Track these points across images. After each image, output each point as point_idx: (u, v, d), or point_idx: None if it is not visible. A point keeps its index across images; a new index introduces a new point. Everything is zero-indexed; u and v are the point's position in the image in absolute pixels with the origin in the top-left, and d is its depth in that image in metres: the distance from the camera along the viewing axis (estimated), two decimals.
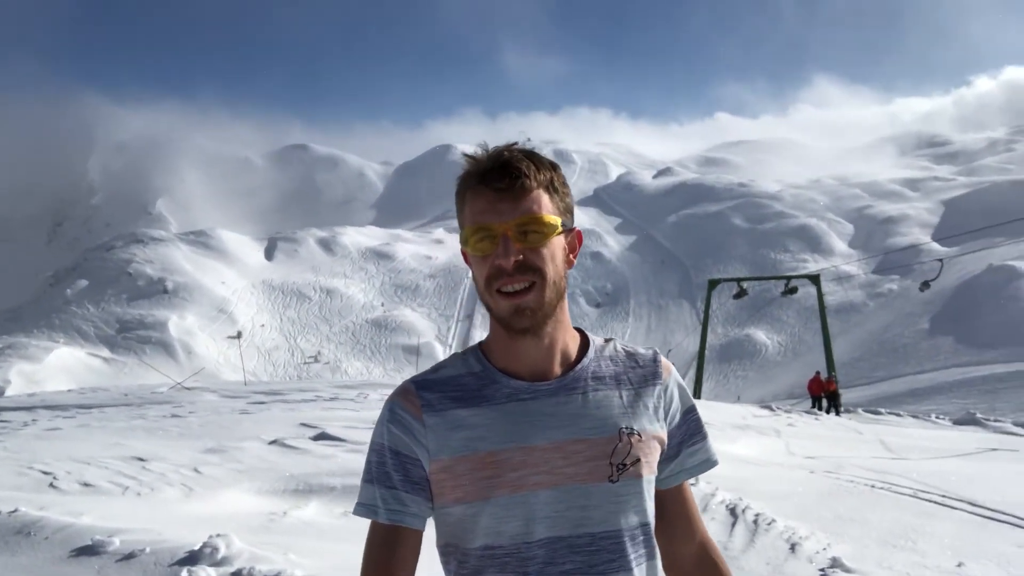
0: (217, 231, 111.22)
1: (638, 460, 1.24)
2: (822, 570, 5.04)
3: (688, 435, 1.37)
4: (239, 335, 75.44)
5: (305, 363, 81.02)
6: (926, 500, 7.67)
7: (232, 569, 4.23)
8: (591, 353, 1.32)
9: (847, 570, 5.05)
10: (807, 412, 22.37)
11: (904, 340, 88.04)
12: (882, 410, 26.30)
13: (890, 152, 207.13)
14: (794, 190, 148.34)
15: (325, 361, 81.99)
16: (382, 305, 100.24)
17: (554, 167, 1.28)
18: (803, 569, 5.13)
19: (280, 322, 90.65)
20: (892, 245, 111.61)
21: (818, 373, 25.87)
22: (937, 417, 24.53)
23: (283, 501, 6.54)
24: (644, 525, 1.27)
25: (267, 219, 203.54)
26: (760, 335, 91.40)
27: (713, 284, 30.17)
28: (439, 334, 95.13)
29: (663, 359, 1.39)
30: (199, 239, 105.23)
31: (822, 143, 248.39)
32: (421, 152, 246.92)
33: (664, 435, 1.32)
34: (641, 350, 1.38)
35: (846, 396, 36.66)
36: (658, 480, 1.33)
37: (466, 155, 1.28)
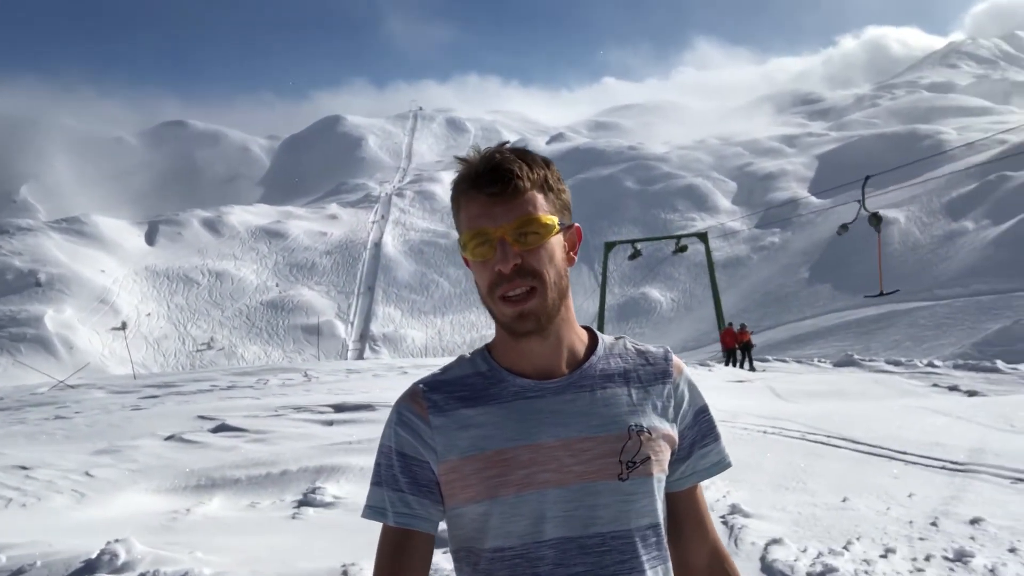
0: (91, 217, 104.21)
1: (648, 458, 1.23)
2: (723, 517, 5.31)
3: (700, 436, 1.35)
4: (124, 326, 71.31)
5: (198, 351, 77.67)
6: (813, 442, 8.21)
7: (135, 574, 4.05)
8: (600, 351, 1.31)
9: (745, 515, 5.35)
10: (724, 365, 23.13)
11: (787, 289, 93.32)
12: (769, 357, 27.84)
13: (768, 111, 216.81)
14: (680, 151, 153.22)
15: (219, 347, 78.89)
16: (277, 285, 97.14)
17: (547, 164, 1.27)
18: None
19: (168, 309, 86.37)
20: (772, 200, 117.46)
21: (730, 325, 25.45)
22: (819, 360, 26.23)
23: (185, 498, 6.30)
24: (655, 526, 1.25)
25: (145, 202, 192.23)
26: (654, 293, 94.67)
27: (609, 246, 30.86)
28: (339, 312, 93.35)
29: (674, 357, 1.37)
30: (72, 226, 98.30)
31: (704, 104, 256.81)
32: (308, 124, 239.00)
33: (675, 434, 1.30)
34: (652, 348, 1.36)
35: None
36: (669, 482, 1.31)
37: (458, 158, 1.26)
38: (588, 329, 1.36)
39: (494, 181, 1.19)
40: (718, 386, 15.07)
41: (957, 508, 5.65)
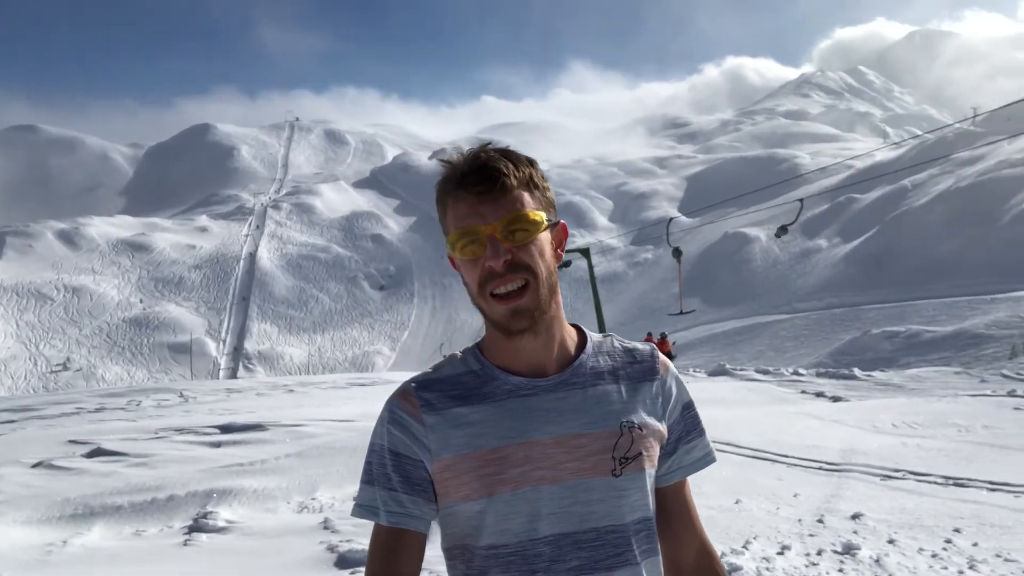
0: None
1: (640, 454, 1.24)
2: None
3: (686, 431, 1.36)
4: None
5: (52, 372, 71.65)
6: None
7: None
8: (589, 348, 1.31)
9: None
10: None
11: (660, 303, 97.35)
12: None
13: (640, 133, 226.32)
14: (559, 169, 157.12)
15: (76, 368, 73.13)
16: (141, 302, 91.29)
17: (531, 163, 1.27)
18: None
19: (17, 328, 79.23)
20: (646, 219, 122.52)
21: (649, 334, 24.93)
22: (693, 370, 27.47)
23: (60, 529, 5.78)
24: (647, 519, 1.28)
25: None
26: None
27: None
28: (210, 329, 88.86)
29: (661, 355, 1.37)
30: None
31: (581, 125, 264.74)
32: (175, 133, 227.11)
33: (664, 430, 1.32)
34: (639, 346, 1.37)
35: None
36: (658, 478, 1.33)
37: (441, 160, 1.27)
38: (576, 327, 1.37)
39: (481, 180, 1.20)
40: None
41: (839, 505, 6.07)
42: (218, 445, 8.23)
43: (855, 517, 5.66)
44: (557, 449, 1.21)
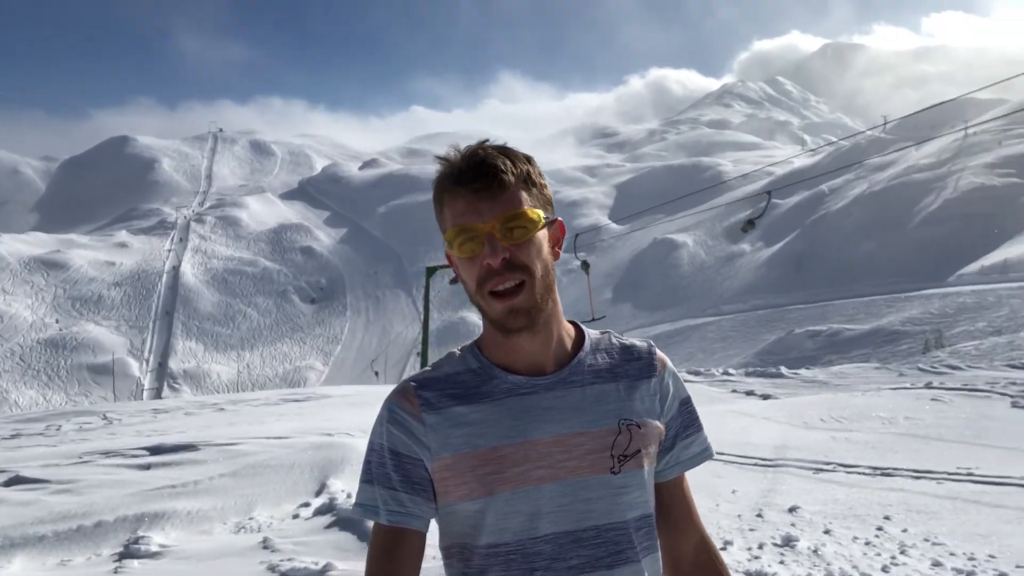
0: None
1: (638, 451, 1.25)
2: None
3: (683, 427, 1.36)
4: None
5: None
6: None
7: None
8: (587, 346, 1.32)
9: None
10: None
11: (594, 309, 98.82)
12: None
13: (570, 142, 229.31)
14: None
15: None
16: (57, 322, 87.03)
17: (529, 160, 1.27)
18: None
19: None
20: (578, 226, 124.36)
21: None
22: None
23: None
24: (647, 516, 1.28)
25: None
26: (473, 316, 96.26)
27: (431, 271, 30.82)
28: (132, 348, 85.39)
29: (658, 352, 1.38)
30: None
31: (511, 135, 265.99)
32: (92, 145, 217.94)
33: (662, 427, 1.32)
34: (637, 343, 1.37)
35: None
36: (656, 473, 1.33)
37: (438, 157, 1.25)
38: (574, 323, 1.37)
39: (478, 176, 1.19)
40: None
41: (775, 499, 6.24)
42: (148, 467, 7.89)
43: (792, 510, 5.83)
44: (556, 448, 1.22)
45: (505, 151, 1.24)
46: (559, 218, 1.31)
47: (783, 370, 19.57)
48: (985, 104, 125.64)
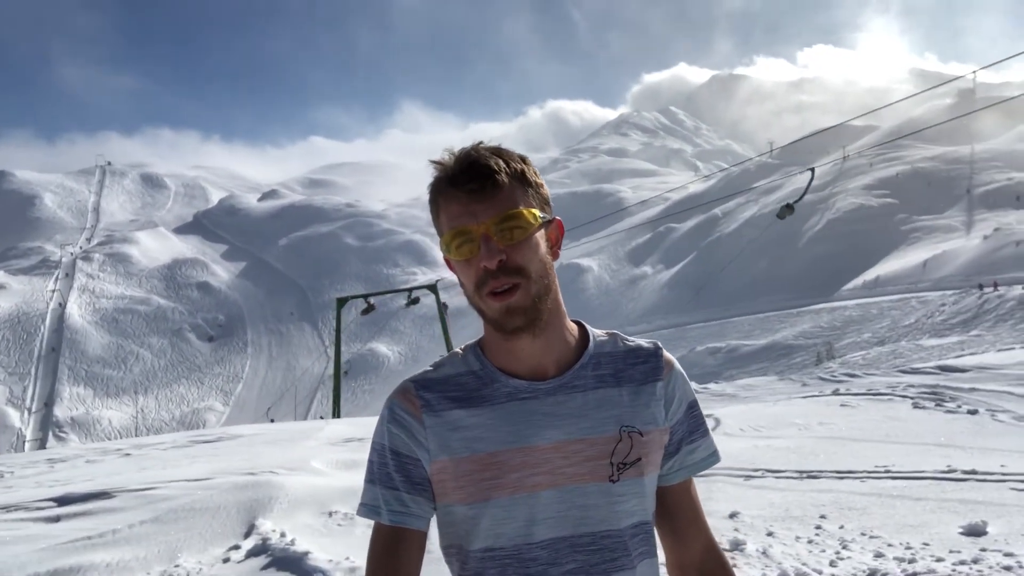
0: None
1: (639, 459, 1.23)
2: None
3: (689, 431, 1.34)
4: None
5: None
6: None
7: None
8: (591, 349, 1.29)
9: None
10: None
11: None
12: None
13: None
14: (398, 208, 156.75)
15: None
16: None
17: (524, 160, 1.26)
18: None
19: None
20: None
21: None
22: None
23: None
24: (644, 523, 1.26)
25: None
26: (382, 348, 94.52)
27: (342, 302, 30.25)
28: (12, 397, 79.35)
29: (665, 353, 1.34)
30: None
31: (415, 164, 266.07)
32: None
33: (667, 432, 1.30)
34: (644, 344, 1.34)
35: None
36: (660, 477, 1.31)
37: (432, 161, 1.25)
38: (579, 324, 1.34)
39: (473, 178, 1.18)
40: None
41: (715, 507, 6.39)
42: (57, 519, 7.29)
43: (732, 516, 5.98)
44: (555, 454, 1.20)
45: (498, 151, 1.22)
46: (557, 217, 1.29)
47: (693, 385, 20.19)
48: (859, 131, 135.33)
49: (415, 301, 29.63)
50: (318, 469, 9.43)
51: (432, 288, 31.16)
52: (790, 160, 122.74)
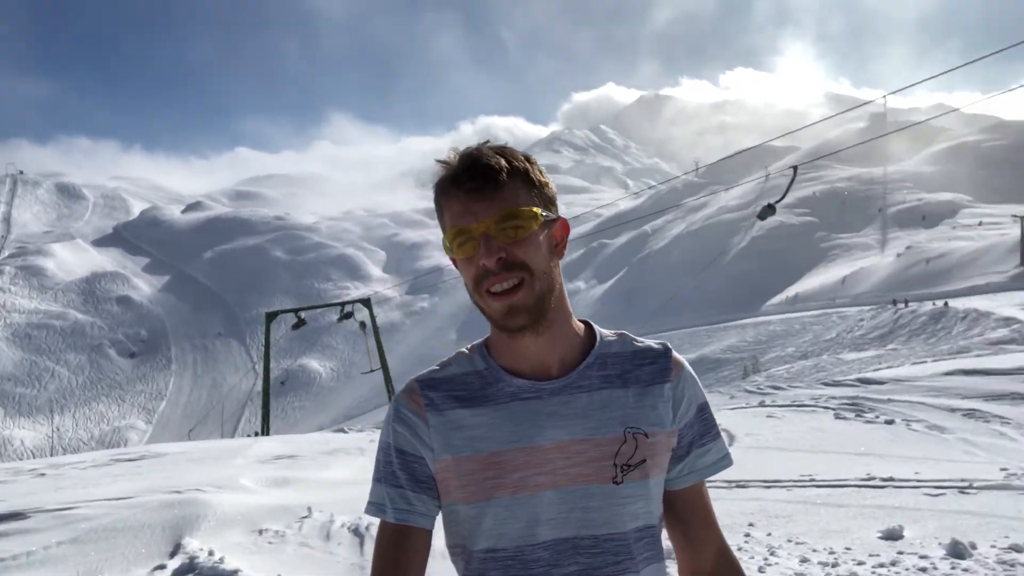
0: None
1: (644, 461, 1.21)
2: None
3: (699, 434, 1.31)
4: None
5: None
6: None
7: None
8: (597, 349, 1.28)
9: None
10: None
11: (437, 351, 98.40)
12: None
13: (409, 184, 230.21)
14: (329, 221, 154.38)
15: None
16: None
17: (528, 159, 1.26)
18: None
19: None
20: (419, 268, 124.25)
21: None
22: None
23: None
24: (649, 527, 1.24)
25: None
26: (313, 364, 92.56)
27: (271, 317, 29.56)
28: None
29: (675, 354, 1.32)
30: None
31: (347, 177, 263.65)
32: None
33: (674, 435, 1.28)
34: (653, 345, 1.33)
35: None
36: (669, 480, 1.29)
37: (438, 161, 1.25)
38: (587, 323, 1.34)
39: (473, 177, 1.18)
40: None
41: None
42: None
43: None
44: (558, 454, 1.20)
45: (502, 151, 1.23)
46: (562, 217, 1.29)
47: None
48: (780, 151, 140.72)
49: (348, 316, 29.23)
50: (247, 487, 9.19)
51: (365, 303, 30.82)
52: (715, 179, 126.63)
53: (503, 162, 1.20)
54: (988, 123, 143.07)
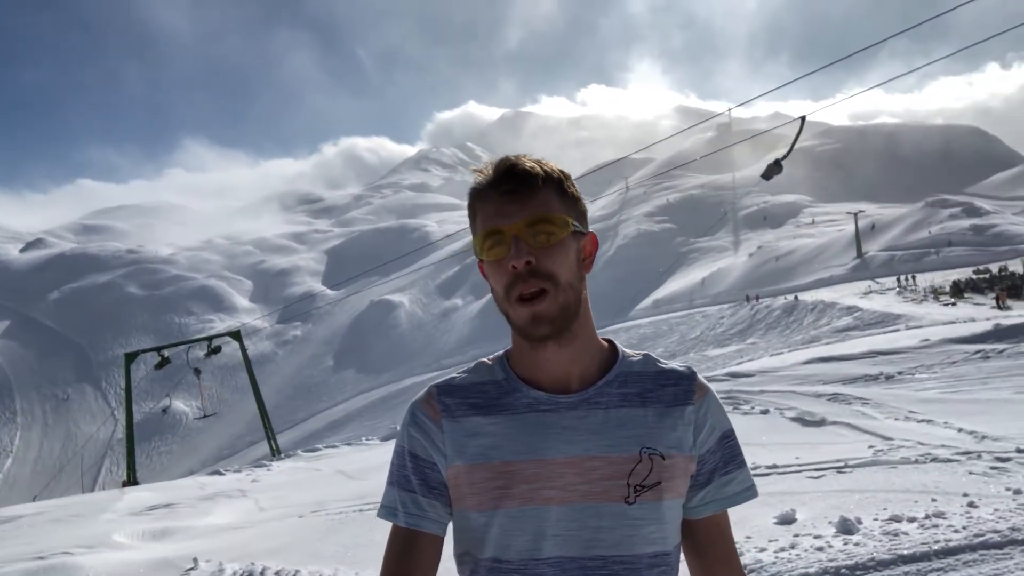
0: None
1: (658, 483, 1.19)
2: None
3: (723, 462, 1.29)
4: None
5: None
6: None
7: None
8: (619, 367, 1.28)
9: None
10: None
11: (315, 380, 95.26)
12: (319, 446, 27.98)
13: (273, 209, 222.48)
14: (187, 252, 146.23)
15: None
16: None
17: (564, 174, 1.28)
18: None
19: None
20: (290, 295, 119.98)
21: None
22: (366, 439, 27.37)
23: None
24: (664, 554, 1.21)
25: None
26: (178, 404, 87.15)
27: (131, 358, 27.56)
28: None
29: (700, 378, 1.30)
30: None
31: (204, 205, 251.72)
32: None
33: (693, 460, 1.25)
34: (678, 367, 1.32)
35: (281, 440, 37.01)
36: (689, 509, 1.27)
37: (474, 169, 1.28)
38: (610, 341, 1.34)
39: (508, 179, 1.20)
40: (283, 482, 14.61)
41: None
42: None
43: None
44: (569, 469, 1.18)
45: (538, 161, 1.25)
46: (592, 232, 1.30)
47: None
48: (638, 163, 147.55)
49: (216, 350, 27.82)
50: (122, 543, 8.50)
51: (235, 335, 29.44)
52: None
53: (539, 169, 1.22)
54: (819, 129, 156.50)
